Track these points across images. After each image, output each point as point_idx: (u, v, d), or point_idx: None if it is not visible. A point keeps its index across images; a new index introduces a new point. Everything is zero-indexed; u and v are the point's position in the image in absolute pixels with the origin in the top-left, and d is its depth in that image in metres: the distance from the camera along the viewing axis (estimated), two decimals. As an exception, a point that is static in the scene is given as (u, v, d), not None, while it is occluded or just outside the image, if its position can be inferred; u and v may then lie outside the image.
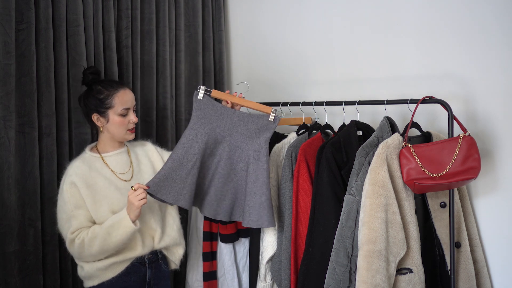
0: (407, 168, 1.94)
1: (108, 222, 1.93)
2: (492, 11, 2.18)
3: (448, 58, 2.29)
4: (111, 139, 2.09)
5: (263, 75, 2.91)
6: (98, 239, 1.91)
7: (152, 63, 2.59)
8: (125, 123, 2.06)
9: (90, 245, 1.91)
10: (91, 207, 1.97)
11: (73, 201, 1.95)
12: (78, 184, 1.96)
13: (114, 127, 2.05)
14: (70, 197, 1.95)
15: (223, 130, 2.11)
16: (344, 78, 2.61)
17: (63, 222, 1.96)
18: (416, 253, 1.95)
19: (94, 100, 2.03)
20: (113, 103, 2.03)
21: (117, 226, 1.91)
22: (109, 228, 1.91)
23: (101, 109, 2.03)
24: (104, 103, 2.03)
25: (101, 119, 2.04)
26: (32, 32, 2.10)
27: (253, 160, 2.11)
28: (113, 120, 2.04)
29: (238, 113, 2.13)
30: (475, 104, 2.23)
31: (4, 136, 2.01)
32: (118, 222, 1.92)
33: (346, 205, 1.98)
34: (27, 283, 2.09)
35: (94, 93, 2.04)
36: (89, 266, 1.98)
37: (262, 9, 2.91)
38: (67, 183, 1.97)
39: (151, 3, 2.58)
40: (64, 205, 1.96)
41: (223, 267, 2.43)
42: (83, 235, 1.92)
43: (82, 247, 1.92)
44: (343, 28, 2.60)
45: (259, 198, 2.07)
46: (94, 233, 1.92)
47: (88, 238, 1.91)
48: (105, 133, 2.07)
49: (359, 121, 2.24)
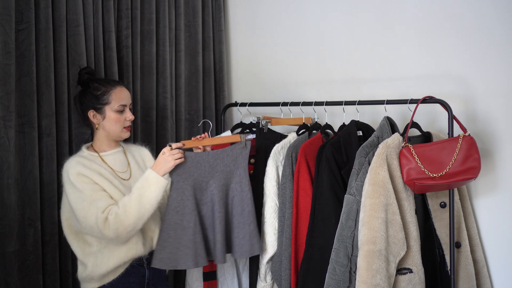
0: (407, 168, 1.94)
1: (136, 186, 1.90)
2: (492, 11, 2.18)
3: (448, 58, 2.29)
4: (106, 138, 2.08)
5: (263, 75, 2.91)
6: (132, 205, 1.86)
7: (152, 63, 2.59)
8: (121, 120, 2.05)
9: (125, 215, 1.85)
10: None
11: (88, 187, 1.90)
12: (85, 173, 1.93)
13: (110, 123, 2.04)
14: (84, 184, 1.90)
15: (205, 176, 2.08)
16: (344, 78, 2.61)
17: (85, 211, 1.87)
18: (416, 253, 1.95)
19: (91, 96, 2.03)
20: (110, 99, 2.03)
21: (147, 184, 1.89)
22: (139, 191, 1.88)
23: (98, 105, 2.03)
24: (101, 99, 2.03)
25: (97, 116, 2.04)
26: (32, 32, 2.10)
27: (236, 193, 2.11)
28: (110, 116, 2.03)
29: (212, 153, 2.09)
30: (475, 104, 2.23)
31: (4, 136, 2.01)
32: (146, 181, 1.90)
33: (346, 205, 1.98)
34: (27, 283, 2.09)
35: (91, 90, 2.04)
36: (95, 268, 1.96)
37: (262, 9, 2.91)
38: (73, 174, 1.91)
39: (151, 3, 2.58)
40: (81, 194, 1.89)
41: (223, 267, 2.43)
42: (115, 210, 1.86)
43: (118, 220, 1.85)
44: (343, 28, 2.60)
45: (248, 228, 2.10)
46: (125, 203, 1.87)
47: (121, 210, 1.86)
48: (101, 131, 2.06)
49: (359, 121, 2.24)
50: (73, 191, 1.91)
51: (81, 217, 1.88)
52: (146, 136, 2.54)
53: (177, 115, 2.73)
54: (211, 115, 2.91)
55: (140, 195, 1.89)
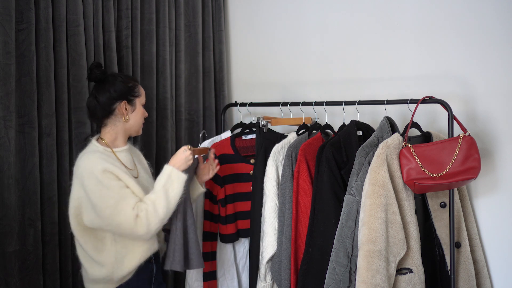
0: (407, 168, 1.94)
1: (159, 184, 1.90)
2: (492, 11, 2.18)
3: (448, 58, 2.29)
4: (124, 133, 2.02)
5: (263, 75, 2.91)
6: (161, 202, 1.87)
7: (152, 63, 2.59)
8: (144, 115, 2.07)
9: (155, 211, 1.86)
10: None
11: (115, 183, 1.86)
12: (111, 170, 1.88)
13: (137, 117, 2.03)
14: (111, 181, 1.85)
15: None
16: (344, 78, 2.61)
17: (114, 209, 1.83)
18: (416, 253, 1.95)
19: (124, 87, 1.98)
20: (140, 92, 2.03)
21: (171, 181, 1.91)
22: (164, 187, 1.89)
23: (130, 97, 1.99)
24: (134, 91, 2.01)
25: (128, 107, 2.00)
26: (32, 32, 2.10)
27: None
28: (139, 109, 2.03)
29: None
30: (475, 104, 2.23)
31: (4, 136, 2.01)
32: (170, 178, 1.91)
33: (346, 205, 1.98)
34: (27, 283, 2.09)
35: (119, 81, 1.98)
36: (117, 269, 1.90)
37: (262, 9, 2.91)
38: (99, 171, 1.84)
39: (151, 3, 2.58)
40: (108, 191, 1.83)
41: (222, 267, 2.43)
42: (144, 207, 1.85)
43: (150, 217, 1.85)
44: (343, 28, 2.60)
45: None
46: (152, 200, 1.87)
47: (150, 207, 1.85)
48: (122, 125, 2.00)
49: (359, 121, 2.24)
50: (99, 188, 1.84)
51: (107, 214, 1.83)
52: (146, 136, 2.54)
53: (177, 115, 2.73)
54: (211, 115, 2.91)
55: (166, 191, 1.89)
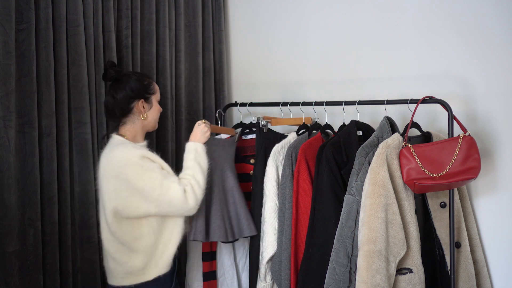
0: (407, 168, 1.94)
1: (189, 159, 2.03)
2: (492, 11, 2.18)
3: (449, 58, 2.29)
4: (142, 129, 2.08)
5: (263, 75, 2.91)
6: (198, 173, 1.99)
7: (152, 63, 2.59)
8: (160, 110, 2.12)
9: (197, 182, 1.98)
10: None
11: (155, 165, 1.93)
12: (148, 155, 1.93)
13: (154, 113, 2.09)
14: (152, 164, 1.92)
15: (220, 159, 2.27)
16: (344, 78, 2.61)
17: (159, 189, 1.90)
18: (416, 253, 1.95)
19: (140, 85, 2.03)
20: (155, 89, 2.09)
21: (198, 155, 2.04)
22: (196, 161, 2.02)
23: (147, 95, 2.05)
24: (149, 88, 2.06)
25: (145, 105, 2.05)
26: (32, 32, 2.10)
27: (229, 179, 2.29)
28: (155, 106, 2.09)
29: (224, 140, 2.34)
30: (475, 104, 2.23)
31: (4, 136, 2.01)
32: (197, 152, 2.04)
33: (346, 205, 1.98)
34: (27, 283, 2.09)
35: (135, 79, 2.03)
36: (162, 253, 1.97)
37: (262, 9, 2.91)
38: (138, 157, 1.90)
39: (151, 3, 2.58)
40: (152, 173, 1.90)
41: (222, 267, 2.43)
42: (186, 181, 1.97)
43: (195, 188, 1.97)
44: (343, 28, 2.60)
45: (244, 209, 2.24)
46: (189, 174, 1.99)
47: (192, 180, 1.97)
48: (140, 122, 2.05)
49: (359, 121, 2.24)
50: (142, 172, 1.89)
51: (156, 195, 1.89)
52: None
53: (177, 115, 2.73)
54: (211, 115, 2.91)
55: (199, 163, 2.02)
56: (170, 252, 1.98)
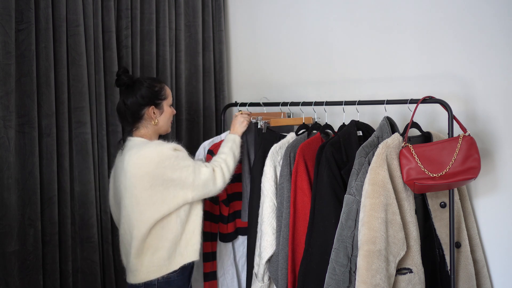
0: (407, 168, 1.94)
1: (226, 147, 2.19)
2: (492, 11, 2.18)
3: (448, 58, 2.29)
4: (155, 133, 2.10)
5: (263, 75, 2.91)
6: (230, 159, 2.14)
7: (152, 63, 2.59)
8: (172, 114, 2.14)
9: (227, 165, 2.11)
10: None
11: (185, 154, 2.02)
12: (177, 147, 2.01)
13: (166, 118, 2.10)
14: (182, 153, 2.01)
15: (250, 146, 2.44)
16: (344, 78, 2.61)
17: (193, 175, 2.00)
18: (416, 253, 1.95)
19: (150, 92, 2.04)
20: (166, 94, 2.10)
21: (235, 145, 2.21)
22: (231, 150, 2.18)
23: (157, 101, 2.06)
24: (160, 94, 2.07)
25: (156, 111, 2.06)
26: (32, 32, 2.10)
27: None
28: (167, 111, 2.10)
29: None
30: (475, 104, 2.23)
31: (4, 136, 2.01)
32: (234, 143, 2.21)
33: (346, 205, 1.98)
34: (27, 283, 2.09)
35: (145, 86, 2.04)
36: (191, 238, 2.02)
37: (262, 9, 2.91)
38: (170, 149, 1.97)
39: (151, 3, 2.58)
40: (184, 161, 1.99)
41: (222, 267, 2.43)
42: (216, 163, 2.10)
43: (224, 170, 2.09)
44: (343, 28, 2.60)
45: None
46: (222, 158, 2.13)
47: (222, 163, 2.11)
48: (152, 127, 2.07)
49: (359, 121, 2.24)
50: (177, 162, 1.97)
51: (191, 179, 1.99)
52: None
53: (177, 115, 2.73)
54: (211, 115, 2.91)
55: (233, 152, 2.18)
56: (195, 240, 2.04)
